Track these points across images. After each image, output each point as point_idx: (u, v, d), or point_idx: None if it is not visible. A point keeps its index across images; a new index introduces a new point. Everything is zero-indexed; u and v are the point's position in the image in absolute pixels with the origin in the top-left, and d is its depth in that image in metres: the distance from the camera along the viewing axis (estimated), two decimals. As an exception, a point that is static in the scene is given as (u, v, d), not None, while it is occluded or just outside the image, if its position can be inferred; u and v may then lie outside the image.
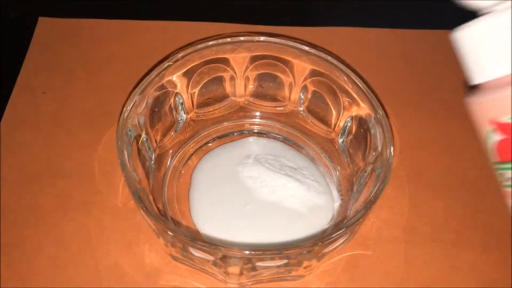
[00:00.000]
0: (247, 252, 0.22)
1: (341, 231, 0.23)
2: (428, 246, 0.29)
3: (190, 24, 0.40)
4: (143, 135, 0.29)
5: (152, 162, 0.30)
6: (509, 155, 0.21)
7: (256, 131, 0.34)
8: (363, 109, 0.29)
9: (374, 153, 0.28)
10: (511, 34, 0.20)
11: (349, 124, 0.30)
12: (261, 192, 0.29)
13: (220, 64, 0.31)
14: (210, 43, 0.30)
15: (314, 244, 0.23)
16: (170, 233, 0.23)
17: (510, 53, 0.20)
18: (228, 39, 0.30)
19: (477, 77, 0.21)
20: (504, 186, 0.23)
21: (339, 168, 0.31)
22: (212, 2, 0.43)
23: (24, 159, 0.32)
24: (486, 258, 0.29)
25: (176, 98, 0.31)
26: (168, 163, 0.31)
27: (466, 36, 0.21)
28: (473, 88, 0.22)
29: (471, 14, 0.22)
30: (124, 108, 0.27)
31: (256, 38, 0.31)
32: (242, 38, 0.31)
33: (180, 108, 0.31)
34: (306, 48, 0.30)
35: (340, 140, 0.31)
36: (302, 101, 0.33)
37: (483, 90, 0.21)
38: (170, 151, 0.32)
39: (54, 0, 0.41)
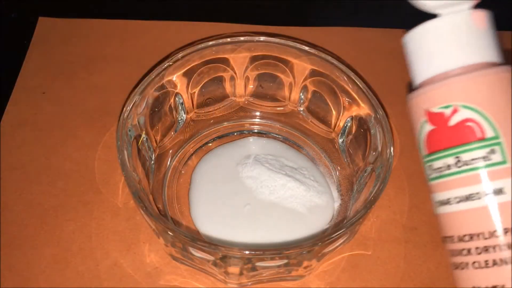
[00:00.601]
0: (247, 252, 0.22)
1: (341, 231, 0.23)
2: (428, 246, 0.29)
3: (190, 24, 0.40)
4: (143, 135, 0.29)
5: (152, 162, 0.30)
6: (437, 145, 0.23)
7: (256, 131, 0.34)
8: (363, 109, 0.29)
9: (374, 153, 0.28)
10: (446, 37, 0.22)
11: (349, 124, 0.30)
12: (261, 192, 0.29)
13: (220, 64, 0.31)
14: (210, 43, 0.30)
15: (314, 244, 0.23)
16: (170, 233, 0.23)
17: (447, 52, 0.22)
18: (228, 39, 0.30)
19: (419, 76, 0.24)
20: (430, 180, 0.24)
21: (339, 168, 0.31)
22: (212, 2, 0.43)
23: (24, 159, 0.32)
24: (486, 258, 0.29)
25: (176, 98, 0.31)
26: (168, 163, 0.31)
27: (409, 40, 0.24)
28: (414, 89, 0.24)
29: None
30: (124, 108, 0.27)
31: (256, 38, 0.31)
32: (242, 38, 0.31)
33: (180, 108, 0.31)
34: (306, 48, 0.30)
35: (340, 140, 0.31)
36: (302, 101, 0.33)
37: (421, 86, 0.24)
38: (170, 151, 0.32)
39: (54, 0, 0.41)
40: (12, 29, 0.40)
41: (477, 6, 0.23)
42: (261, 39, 0.31)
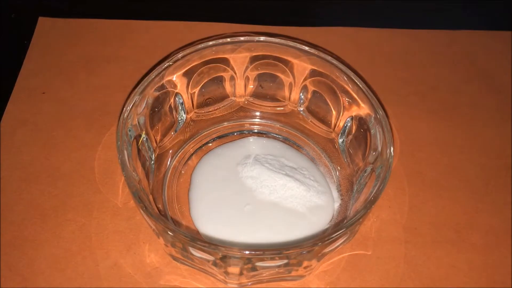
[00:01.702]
0: (247, 252, 0.22)
1: (341, 231, 0.23)
2: (428, 246, 0.29)
3: (190, 24, 0.40)
4: (143, 135, 0.29)
5: (152, 162, 0.30)
6: None
7: (256, 131, 0.34)
8: (363, 109, 0.29)
9: (374, 153, 0.28)
10: None
11: (349, 124, 0.30)
12: (261, 192, 0.29)
13: (220, 64, 0.31)
14: (210, 43, 0.30)
15: (314, 244, 0.23)
16: (170, 233, 0.23)
17: None
18: (228, 39, 0.30)
19: None
20: None
21: (339, 168, 0.31)
22: (212, 2, 0.43)
23: (24, 159, 0.32)
24: (486, 258, 0.29)
25: (176, 98, 0.31)
26: (168, 163, 0.31)
27: None
28: None
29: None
30: (124, 108, 0.27)
31: (256, 38, 0.31)
32: (242, 38, 0.31)
33: (180, 108, 0.31)
34: (306, 48, 0.30)
35: (340, 140, 0.31)
36: (302, 101, 0.33)
37: None
38: (170, 151, 0.32)
39: (54, 0, 0.41)
40: (12, 29, 0.40)
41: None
42: (261, 39, 0.31)
